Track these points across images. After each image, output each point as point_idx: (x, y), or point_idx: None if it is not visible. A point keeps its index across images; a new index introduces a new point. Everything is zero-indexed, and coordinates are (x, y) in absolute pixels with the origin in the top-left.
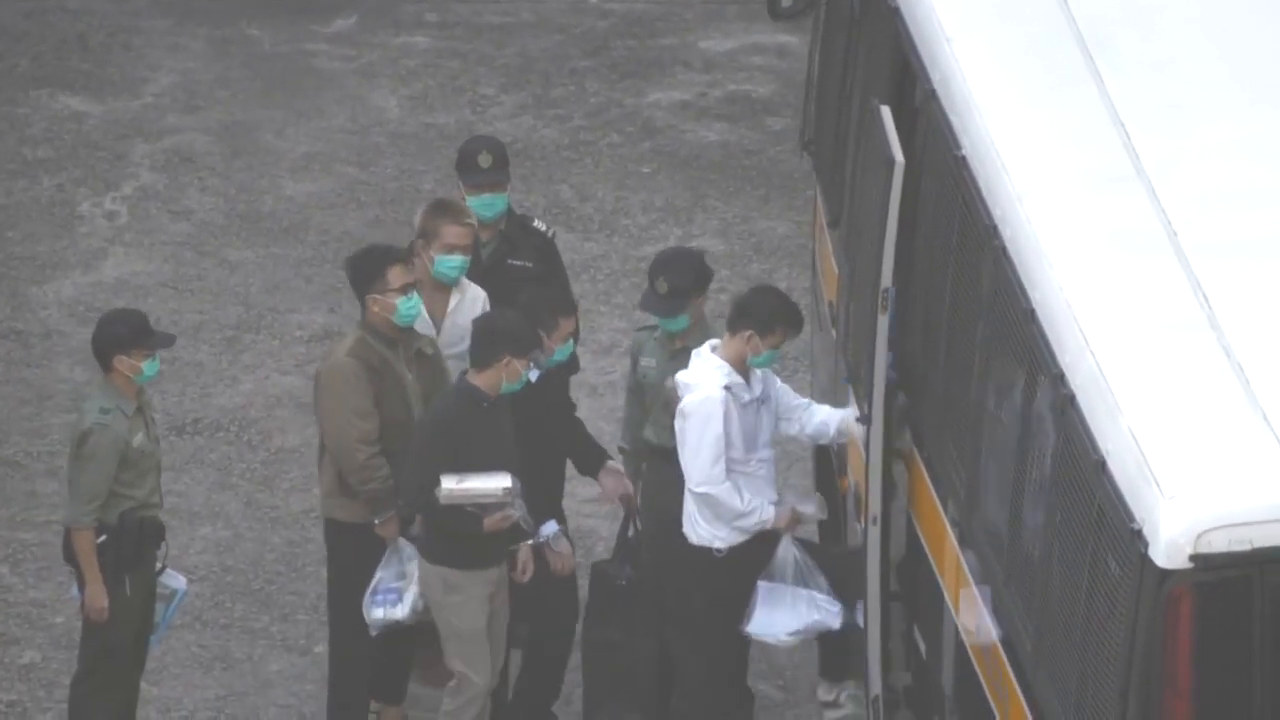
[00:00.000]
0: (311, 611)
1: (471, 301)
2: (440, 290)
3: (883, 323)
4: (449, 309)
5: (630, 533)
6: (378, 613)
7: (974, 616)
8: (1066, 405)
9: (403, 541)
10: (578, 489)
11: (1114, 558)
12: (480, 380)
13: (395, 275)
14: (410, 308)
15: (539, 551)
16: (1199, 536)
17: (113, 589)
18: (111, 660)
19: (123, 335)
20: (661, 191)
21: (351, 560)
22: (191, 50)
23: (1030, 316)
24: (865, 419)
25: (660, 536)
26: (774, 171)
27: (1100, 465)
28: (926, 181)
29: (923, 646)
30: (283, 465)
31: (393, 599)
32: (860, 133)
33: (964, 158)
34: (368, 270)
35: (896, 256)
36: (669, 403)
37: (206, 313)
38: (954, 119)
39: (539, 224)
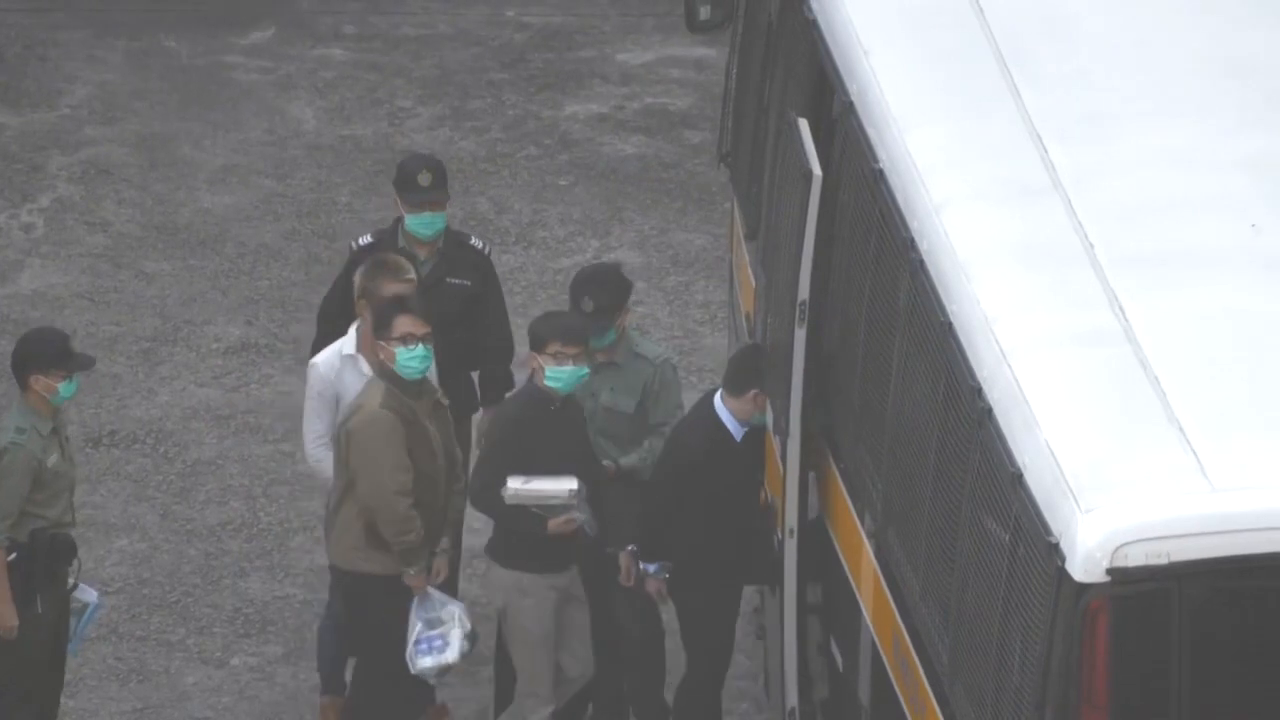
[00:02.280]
0: (227, 624)
1: None
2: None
3: (800, 335)
4: None
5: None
6: (427, 661)
7: (890, 629)
8: (984, 418)
9: (430, 589)
10: None
11: (1031, 571)
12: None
13: (400, 324)
14: (409, 358)
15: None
16: (1116, 550)
17: (24, 607)
18: (26, 677)
19: (40, 355)
20: (579, 204)
21: (383, 613)
22: (109, 62)
23: (947, 329)
24: (782, 431)
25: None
26: (691, 184)
27: (1017, 478)
28: (844, 194)
29: (840, 659)
30: (199, 478)
31: (439, 645)
32: (778, 145)
33: (881, 170)
34: (379, 317)
35: (814, 269)
36: (592, 416)
37: (123, 324)
38: (871, 132)
39: (476, 241)
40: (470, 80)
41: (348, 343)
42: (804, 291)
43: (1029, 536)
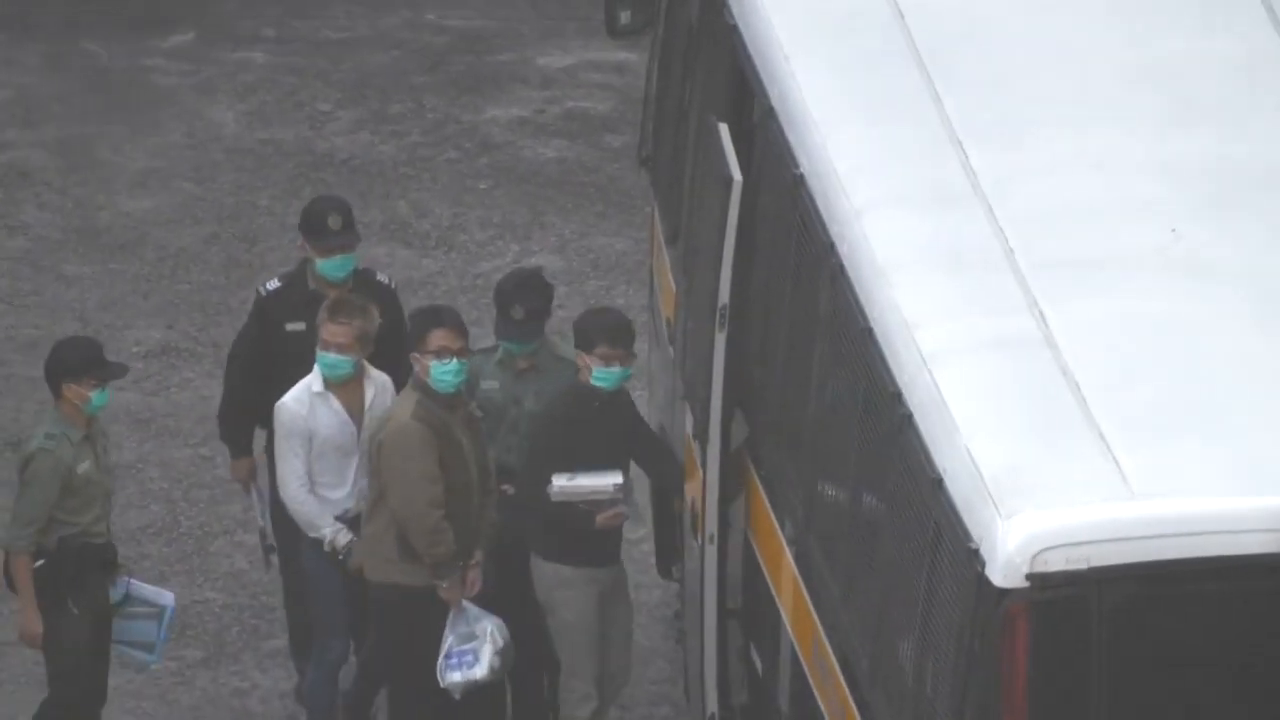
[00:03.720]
0: None
1: (381, 389)
2: (356, 387)
3: (720, 340)
4: (367, 404)
5: None
6: (455, 676)
7: (810, 635)
8: (904, 424)
9: (466, 603)
10: None
11: (951, 576)
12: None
13: (435, 338)
14: (444, 372)
15: None
16: (1035, 555)
17: (55, 613)
18: (69, 686)
19: (73, 363)
20: (499, 208)
21: (417, 625)
22: (28, 65)
23: (867, 335)
24: (702, 437)
25: (520, 552)
26: (612, 188)
27: (937, 484)
28: (764, 199)
29: (760, 665)
30: (119, 481)
31: (469, 660)
32: (698, 150)
33: (802, 175)
34: (414, 329)
35: (734, 274)
36: (516, 422)
37: (42, 328)
38: (791, 137)
39: (382, 277)
40: (390, 84)
41: (315, 380)
42: (724, 296)
43: (949, 542)
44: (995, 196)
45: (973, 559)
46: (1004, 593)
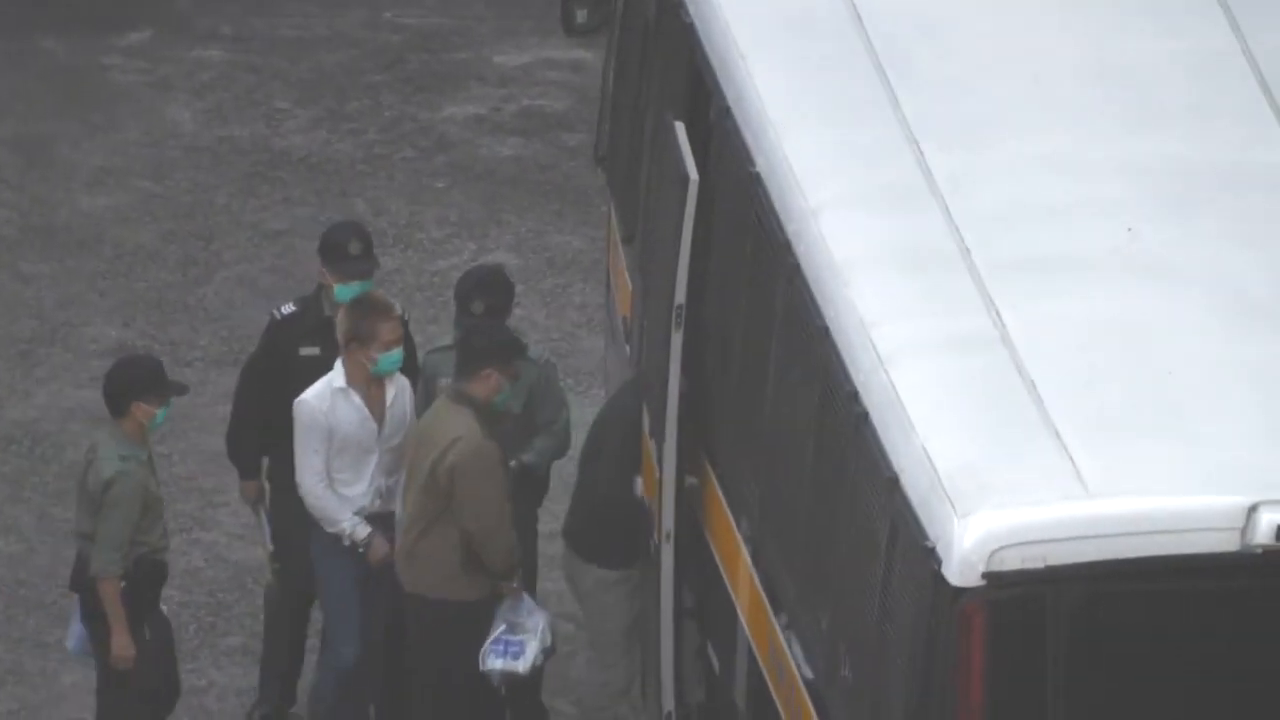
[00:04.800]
0: None
1: (401, 390)
2: (378, 386)
3: (676, 339)
4: (388, 403)
5: None
6: (497, 663)
7: (767, 633)
8: (860, 423)
9: (525, 595)
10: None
11: (907, 575)
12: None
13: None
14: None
15: None
16: (992, 554)
17: (135, 633)
18: (142, 707)
19: (141, 382)
20: (456, 206)
21: (472, 637)
22: None
23: (824, 334)
24: (658, 435)
25: None
26: (568, 186)
27: (893, 483)
28: (721, 198)
29: (716, 663)
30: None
31: (515, 650)
32: (655, 149)
33: (758, 174)
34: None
35: (691, 273)
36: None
37: (0, 326)
38: (748, 136)
39: (396, 307)
40: (347, 82)
41: (336, 376)
42: (680, 295)
43: (905, 541)
44: (952, 196)
45: (929, 557)
46: (960, 591)
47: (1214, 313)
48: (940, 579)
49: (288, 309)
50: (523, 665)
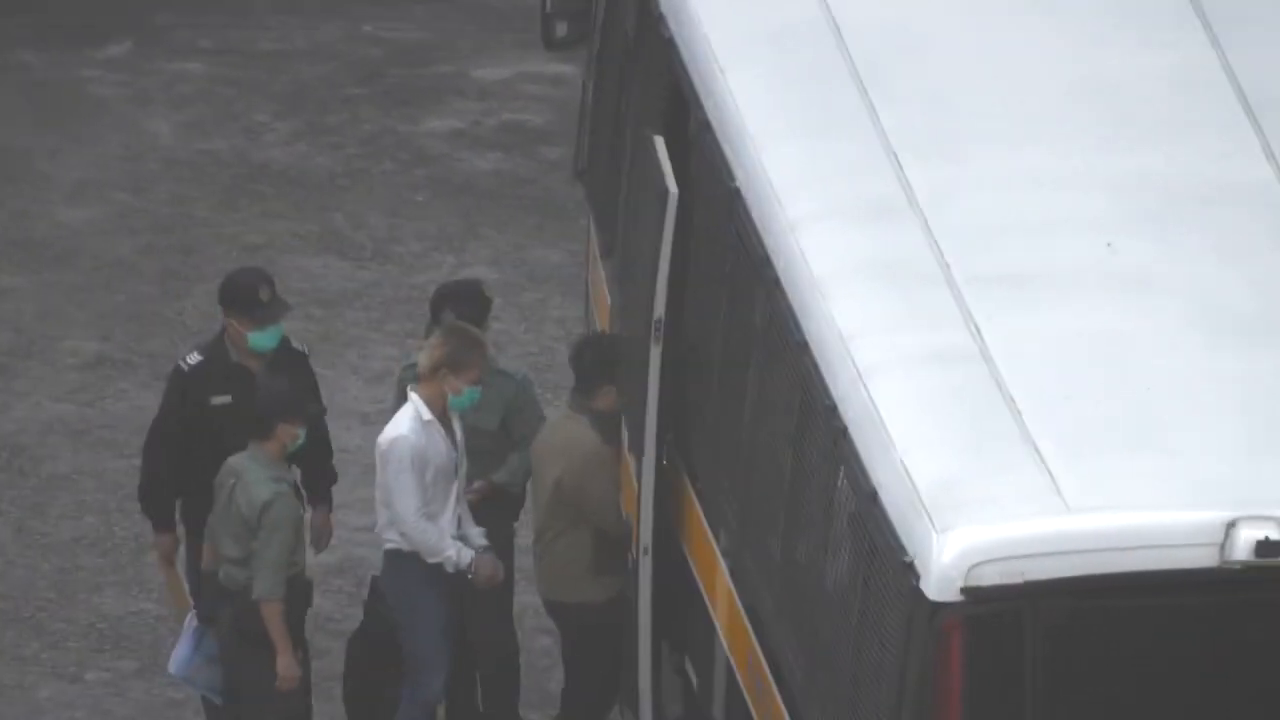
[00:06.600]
0: (81, 639)
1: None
2: (447, 413)
3: (655, 353)
4: (456, 430)
5: None
6: None
7: (745, 648)
8: (839, 438)
9: None
10: (350, 517)
11: (886, 590)
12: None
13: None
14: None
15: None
16: (970, 569)
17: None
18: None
19: (288, 404)
20: (435, 219)
21: (610, 637)
22: None
23: (803, 348)
24: (637, 450)
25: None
26: (547, 200)
27: (872, 498)
28: (700, 212)
29: (694, 678)
30: (53, 492)
31: None
32: (634, 163)
33: (738, 189)
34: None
35: (670, 287)
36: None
37: None
38: (728, 150)
39: (297, 344)
40: (327, 95)
41: (422, 409)
42: (659, 309)
43: (884, 556)
44: (932, 211)
45: (907, 573)
46: (938, 606)
47: (1193, 327)
48: (919, 594)
49: (194, 359)
50: None
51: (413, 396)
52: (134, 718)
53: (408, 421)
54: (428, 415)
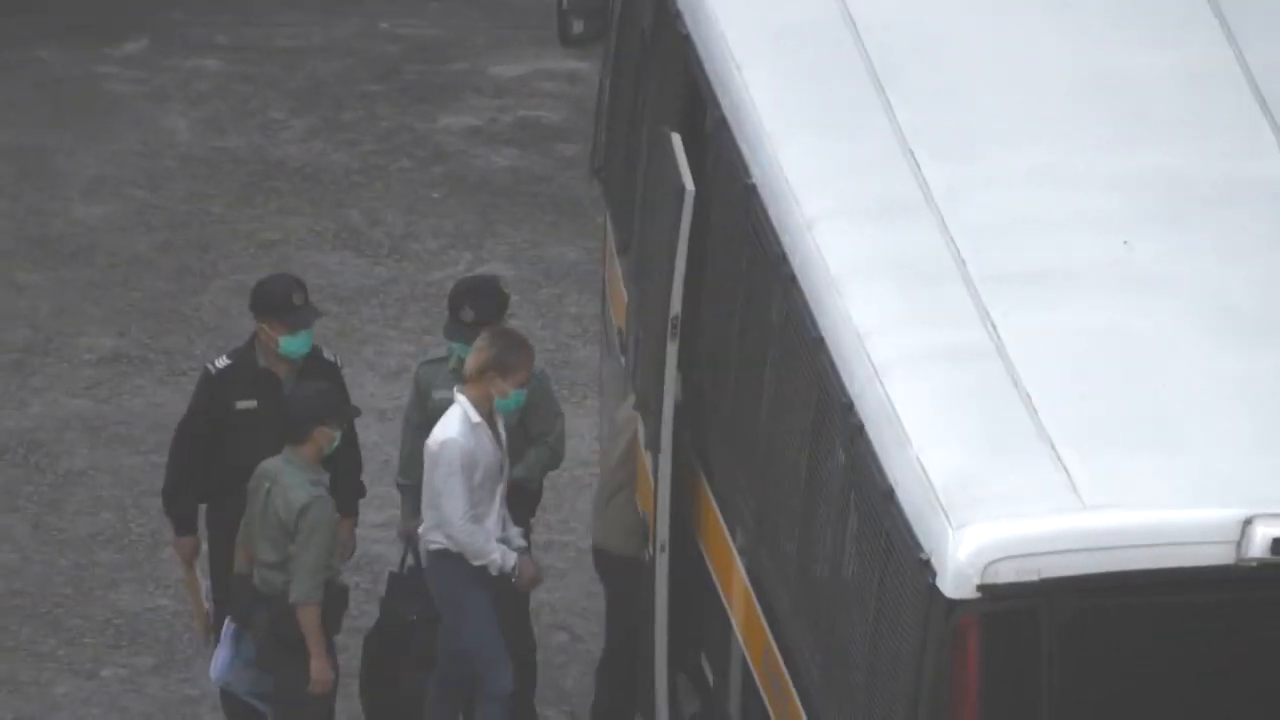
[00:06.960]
0: (98, 635)
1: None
2: (493, 415)
3: (672, 350)
4: (502, 432)
5: (405, 567)
6: None
7: (761, 646)
8: (855, 435)
9: None
10: (366, 514)
11: (902, 588)
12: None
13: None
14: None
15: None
16: (986, 566)
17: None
18: None
19: (326, 408)
20: (451, 216)
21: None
22: None
23: (819, 345)
24: (654, 446)
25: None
26: (564, 197)
27: (889, 495)
28: (716, 209)
29: (710, 676)
30: (70, 488)
31: None
32: (651, 160)
33: (754, 186)
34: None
35: (686, 284)
36: None
37: None
38: (744, 147)
39: (328, 354)
40: (343, 92)
41: (470, 411)
42: (676, 306)
43: (900, 553)
44: (947, 208)
45: (924, 570)
46: (955, 604)
47: (1208, 326)
48: (935, 591)
49: (222, 362)
50: None
51: (459, 398)
52: (150, 714)
53: (457, 424)
54: (475, 417)
